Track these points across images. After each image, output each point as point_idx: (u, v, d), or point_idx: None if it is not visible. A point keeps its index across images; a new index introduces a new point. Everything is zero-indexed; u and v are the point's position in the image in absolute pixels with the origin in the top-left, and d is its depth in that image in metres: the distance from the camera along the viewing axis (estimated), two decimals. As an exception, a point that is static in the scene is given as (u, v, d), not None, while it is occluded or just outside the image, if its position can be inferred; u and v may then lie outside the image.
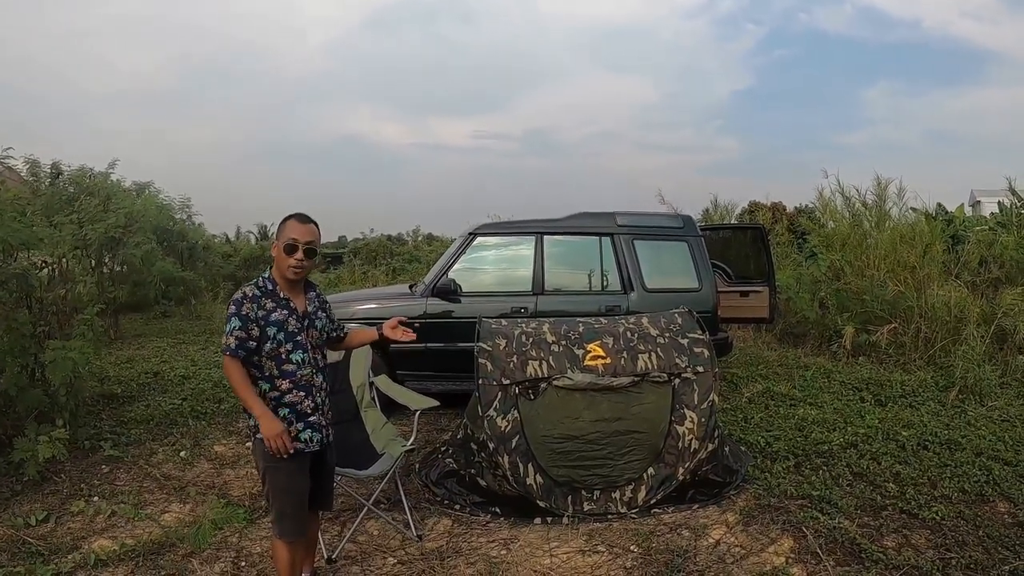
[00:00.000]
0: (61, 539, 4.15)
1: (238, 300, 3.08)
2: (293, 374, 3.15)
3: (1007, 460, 5.30)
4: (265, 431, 2.97)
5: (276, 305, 3.15)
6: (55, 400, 5.53)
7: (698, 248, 7.14)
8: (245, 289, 3.14)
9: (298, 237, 3.15)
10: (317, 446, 3.23)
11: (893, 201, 10.81)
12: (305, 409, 3.19)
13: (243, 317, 3.04)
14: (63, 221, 8.91)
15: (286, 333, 3.14)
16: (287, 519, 3.17)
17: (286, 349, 3.14)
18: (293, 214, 3.23)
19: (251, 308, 3.07)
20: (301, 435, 3.15)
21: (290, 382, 3.15)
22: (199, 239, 17.20)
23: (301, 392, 3.18)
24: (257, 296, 3.13)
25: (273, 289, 3.18)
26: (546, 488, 4.44)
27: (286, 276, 3.19)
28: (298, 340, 3.18)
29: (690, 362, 4.81)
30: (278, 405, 3.12)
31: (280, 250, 3.16)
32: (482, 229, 7.22)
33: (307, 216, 3.24)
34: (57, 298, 6.62)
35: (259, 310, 3.10)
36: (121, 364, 8.95)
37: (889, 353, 8.95)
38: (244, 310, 3.05)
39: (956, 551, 3.94)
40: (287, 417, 3.12)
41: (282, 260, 3.16)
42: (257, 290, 3.15)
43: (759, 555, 3.97)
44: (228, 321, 3.05)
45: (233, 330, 3.02)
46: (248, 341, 3.05)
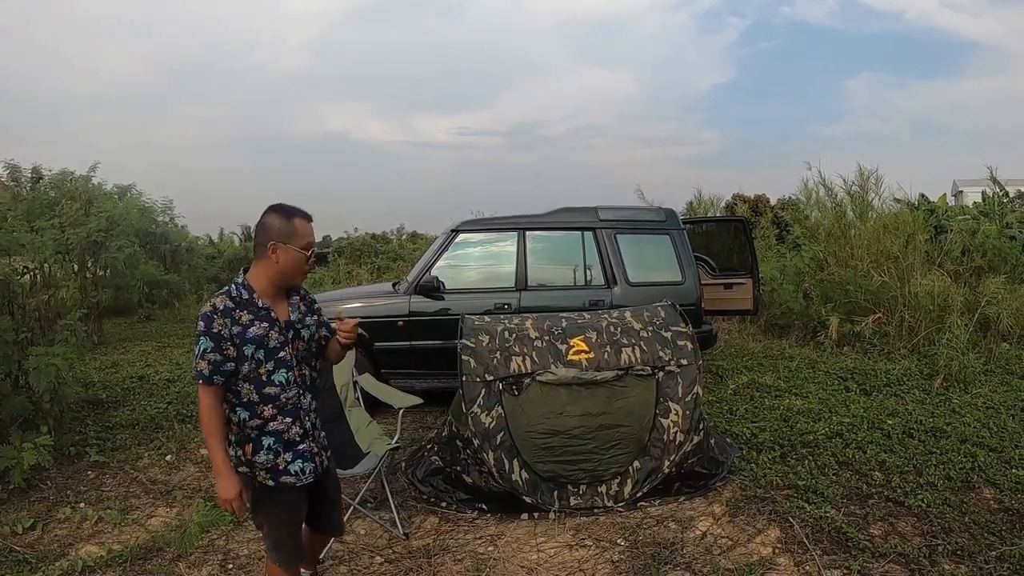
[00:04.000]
0: (48, 546, 4.12)
1: (207, 316, 2.60)
2: (276, 398, 2.73)
3: (992, 447, 5.34)
4: (219, 491, 2.64)
5: (253, 317, 2.68)
6: (39, 407, 5.48)
7: (681, 241, 7.15)
8: (215, 301, 2.65)
9: (312, 239, 2.80)
10: (311, 477, 2.84)
11: (875, 192, 10.84)
12: (293, 437, 2.78)
13: (215, 336, 2.59)
14: (45, 226, 8.81)
15: (266, 351, 2.70)
16: (282, 550, 2.86)
17: (267, 369, 2.71)
18: (295, 210, 2.79)
19: (223, 324, 2.61)
20: (291, 467, 2.76)
21: (273, 407, 2.73)
22: (182, 241, 17.11)
23: (287, 418, 2.76)
24: (230, 308, 2.65)
25: (249, 298, 2.70)
26: (532, 484, 4.45)
27: (294, 283, 2.84)
28: (280, 357, 2.74)
29: (674, 355, 4.82)
30: (261, 434, 2.72)
31: (297, 256, 2.73)
32: (464, 226, 7.21)
33: (308, 213, 2.83)
34: (40, 304, 6.58)
35: (233, 325, 2.63)
36: (105, 369, 8.90)
37: (873, 343, 8.99)
38: (215, 327, 2.59)
39: (942, 538, 3.97)
40: (272, 447, 2.73)
41: (297, 266, 2.76)
42: (229, 301, 2.66)
43: (746, 546, 3.99)
44: (197, 341, 2.60)
45: (204, 353, 2.58)
46: (225, 364, 2.61)
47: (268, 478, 2.74)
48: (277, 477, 2.75)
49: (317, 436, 2.93)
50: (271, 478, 2.75)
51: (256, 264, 2.76)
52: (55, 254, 8.72)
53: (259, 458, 2.72)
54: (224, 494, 2.61)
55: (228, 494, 2.61)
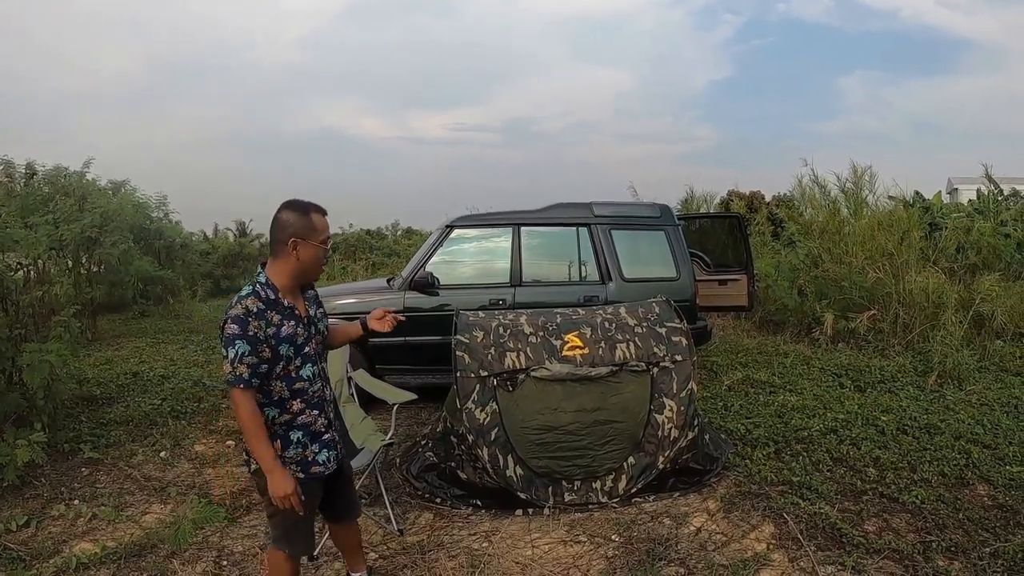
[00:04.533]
0: (42, 543, 4.11)
1: (241, 319, 2.59)
2: (305, 392, 2.82)
3: (986, 443, 5.36)
4: (275, 489, 2.63)
5: (283, 317, 2.72)
6: (33, 403, 5.47)
7: (676, 237, 7.15)
8: (246, 303, 2.63)
9: (328, 233, 2.85)
10: (335, 465, 2.96)
11: (869, 189, 10.86)
12: (319, 428, 2.89)
13: (252, 339, 2.59)
14: (39, 222, 8.79)
15: (295, 347, 2.76)
16: (297, 536, 2.93)
17: (295, 365, 2.78)
18: (311, 205, 2.81)
19: (258, 327, 2.62)
20: (319, 457, 2.87)
21: (302, 401, 2.82)
22: (176, 237, 17.02)
23: (314, 411, 2.86)
24: (262, 310, 2.65)
25: (276, 297, 2.73)
26: (526, 479, 4.45)
27: (312, 279, 2.92)
28: (306, 352, 2.83)
29: (668, 351, 4.82)
30: (290, 429, 2.80)
31: (316, 251, 2.79)
32: (459, 222, 7.20)
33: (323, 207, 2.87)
34: (33, 300, 6.56)
35: (268, 327, 2.66)
36: (100, 365, 8.89)
37: (868, 339, 9.01)
38: (251, 330, 2.59)
39: (936, 534, 3.98)
40: (301, 441, 2.81)
41: (316, 260, 2.82)
42: (260, 301, 2.66)
43: (740, 541, 3.99)
44: (230, 345, 2.57)
45: (242, 357, 2.57)
46: (261, 366, 2.63)
47: (299, 471, 2.81)
48: (307, 469, 2.84)
49: (336, 425, 3.04)
50: (301, 471, 2.82)
51: (275, 261, 2.79)
52: (49, 250, 8.71)
53: (288, 453, 2.80)
54: (280, 491, 2.64)
55: (285, 490, 2.64)
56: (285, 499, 2.65)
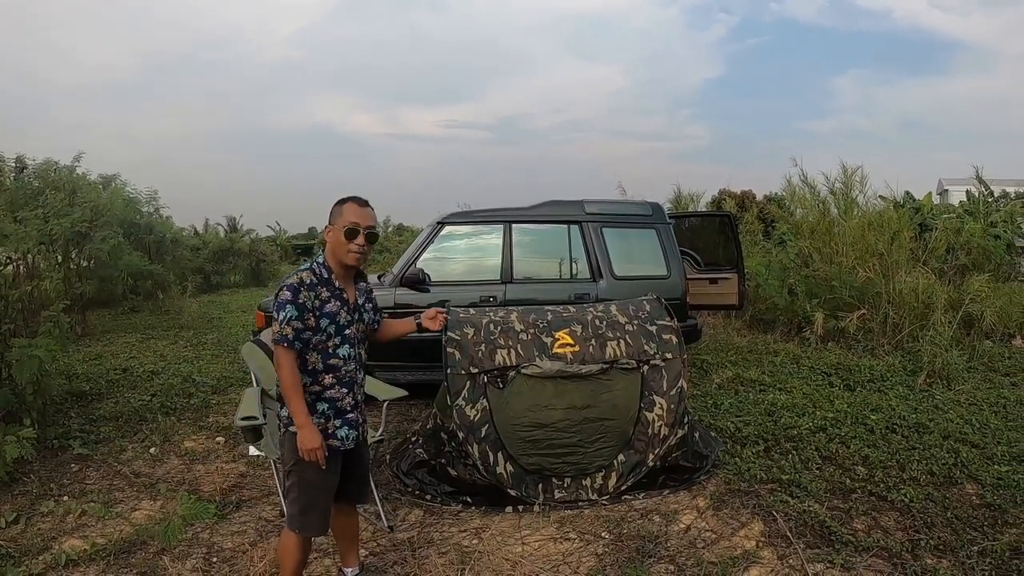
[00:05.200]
0: (31, 540, 4.08)
1: (294, 287, 2.89)
2: (338, 369, 3.05)
3: (974, 443, 5.39)
4: (303, 442, 2.86)
5: (330, 295, 3.01)
6: (22, 399, 5.45)
7: (667, 235, 7.16)
8: (301, 274, 2.95)
9: (359, 221, 3.01)
10: (352, 444, 3.13)
11: (859, 189, 10.90)
12: (345, 406, 3.09)
13: (300, 306, 2.89)
14: (28, 216, 8.76)
15: (336, 326, 3.02)
16: (314, 513, 3.06)
17: (334, 343, 3.03)
18: (350, 197, 3.08)
19: (308, 297, 2.92)
20: (338, 432, 3.06)
21: (333, 377, 3.04)
22: (167, 232, 17.00)
23: (343, 388, 3.08)
24: (314, 284, 2.97)
25: (329, 277, 3.03)
26: (516, 477, 4.45)
27: (345, 262, 3.05)
28: (347, 334, 3.08)
29: (659, 349, 4.83)
30: (317, 400, 3.01)
31: (339, 235, 3.00)
32: (450, 218, 7.20)
33: (365, 200, 3.10)
34: (23, 295, 6.54)
35: (315, 299, 2.95)
36: (89, 361, 8.87)
37: (858, 339, 9.05)
38: (301, 298, 2.89)
39: (925, 532, 4.00)
40: (325, 412, 3.03)
41: (341, 246, 3.00)
42: (314, 276, 2.98)
43: (730, 539, 4.00)
44: (282, 308, 2.87)
45: (290, 319, 2.86)
46: (304, 332, 2.91)
47: None
48: (325, 440, 2.98)
49: (362, 407, 3.25)
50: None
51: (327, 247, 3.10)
52: (39, 245, 8.67)
53: (312, 421, 2.94)
54: (309, 443, 2.86)
55: (313, 443, 2.87)
56: (312, 452, 2.87)
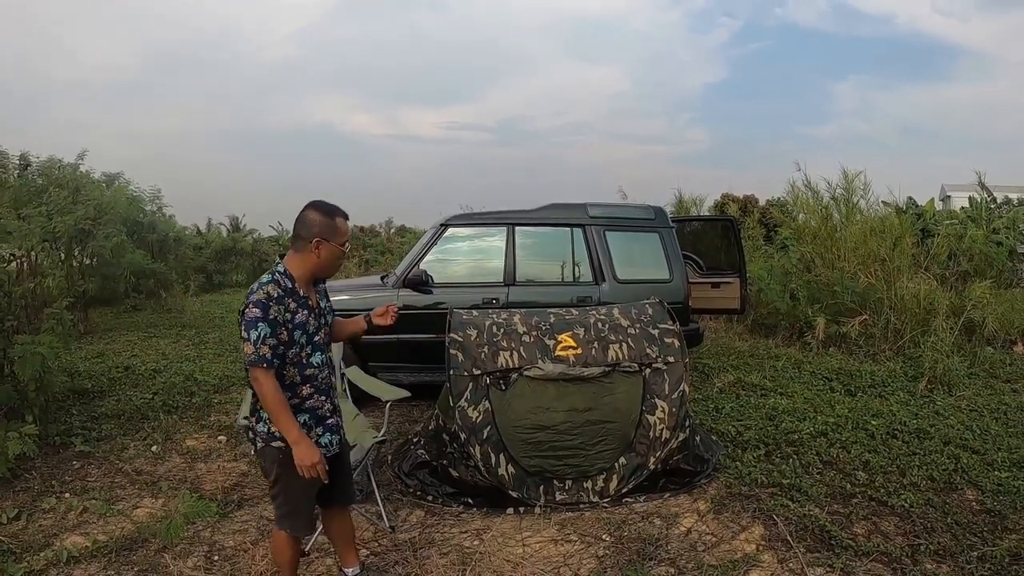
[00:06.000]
0: (33, 537, 4.10)
1: (263, 303, 2.75)
2: (314, 378, 3.00)
3: (975, 449, 5.39)
4: (302, 459, 2.78)
5: (298, 305, 2.90)
6: (24, 396, 5.46)
7: (670, 239, 7.17)
8: (267, 288, 2.80)
9: (348, 236, 3.06)
10: (336, 448, 3.13)
11: (860, 194, 10.89)
12: (324, 413, 3.06)
13: (272, 322, 2.76)
14: (32, 213, 8.75)
15: (307, 335, 2.94)
16: (300, 516, 3.09)
17: (306, 352, 2.95)
18: (335, 208, 3.00)
19: (278, 311, 2.79)
20: (321, 439, 3.03)
21: (311, 386, 2.99)
22: (170, 231, 17.00)
23: (322, 396, 3.05)
24: (281, 296, 2.83)
25: (293, 287, 2.90)
26: (518, 478, 4.46)
27: (328, 275, 3.07)
28: (316, 341, 3.01)
29: (661, 352, 4.83)
30: (298, 412, 2.93)
31: (336, 250, 2.96)
32: (454, 220, 7.21)
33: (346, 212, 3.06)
34: (26, 292, 6.53)
35: (286, 312, 2.84)
36: (91, 358, 8.87)
37: (859, 344, 9.04)
38: (272, 313, 2.76)
39: (925, 538, 4.00)
40: (307, 423, 2.97)
41: (335, 259, 2.99)
42: (279, 288, 2.84)
43: (730, 543, 4.01)
44: (252, 328, 2.73)
45: (264, 338, 2.73)
46: (279, 347, 2.80)
47: None
48: None
49: (339, 410, 3.22)
50: None
51: (296, 255, 2.96)
52: (42, 242, 8.67)
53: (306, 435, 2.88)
54: (308, 460, 2.79)
55: (312, 459, 2.80)
56: (312, 468, 2.80)
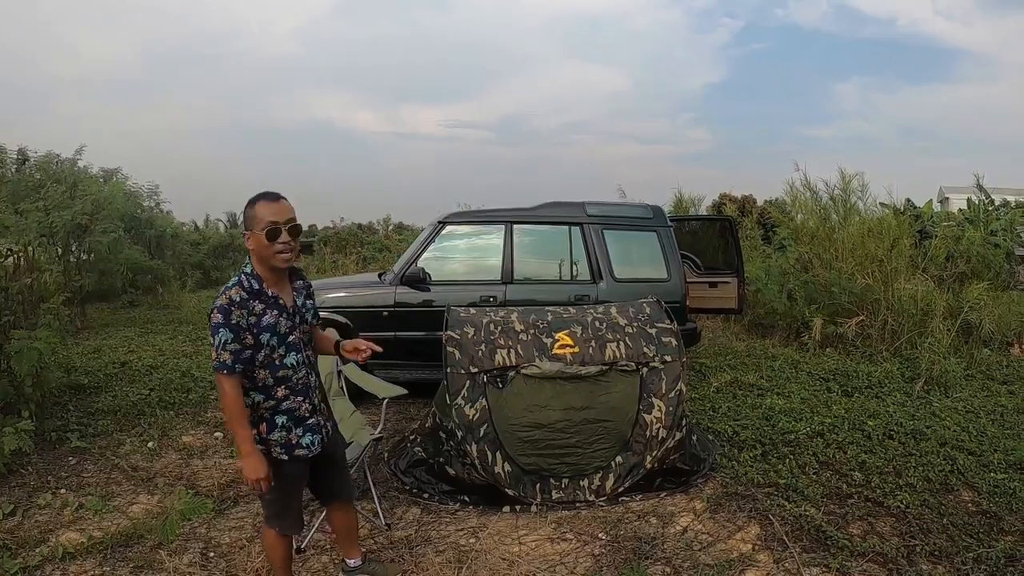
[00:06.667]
0: (28, 532, 4.09)
1: (224, 308, 2.71)
2: (289, 379, 2.93)
3: (971, 450, 5.38)
4: (248, 471, 2.76)
5: (265, 306, 2.83)
6: (20, 391, 5.46)
7: (668, 238, 7.16)
8: (229, 293, 2.75)
9: (277, 218, 2.79)
10: (319, 448, 3.05)
11: (858, 195, 10.89)
12: (303, 413, 2.99)
13: (233, 327, 2.72)
14: (29, 208, 8.75)
15: (279, 337, 2.86)
16: (288, 516, 3.10)
17: (279, 354, 2.88)
18: (259, 195, 2.85)
19: (241, 315, 2.74)
20: (302, 441, 2.97)
21: (286, 388, 2.93)
22: (167, 227, 17.02)
23: (299, 397, 2.97)
24: (245, 299, 2.77)
25: (260, 288, 2.83)
26: (514, 476, 4.46)
27: (274, 266, 2.85)
28: (290, 341, 2.92)
29: (658, 351, 4.83)
30: (275, 414, 2.91)
31: (261, 238, 2.78)
32: (452, 218, 7.20)
33: (276, 193, 2.88)
34: (22, 287, 6.53)
35: (249, 316, 2.77)
36: (88, 354, 8.85)
37: (856, 345, 9.04)
38: (233, 319, 2.72)
39: (920, 538, 4.00)
40: (285, 425, 2.93)
41: (265, 249, 2.79)
42: (243, 292, 2.78)
43: (726, 542, 4.01)
44: (215, 333, 2.70)
45: (224, 344, 2.70)
46: (243, 352, 2.76)
47: (282, 453, 2.94)
48: (291, 451, 2.96)
49: (322, 409, 3.16)
50: (285, 452, 2.95)
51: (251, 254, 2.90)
52: (39, 237, 8.66)
53: (273, 436, 2.92)
54: (252, 474, 2.78)
55: (257, 474, 2.78)
56: (256, 482, 2.79)
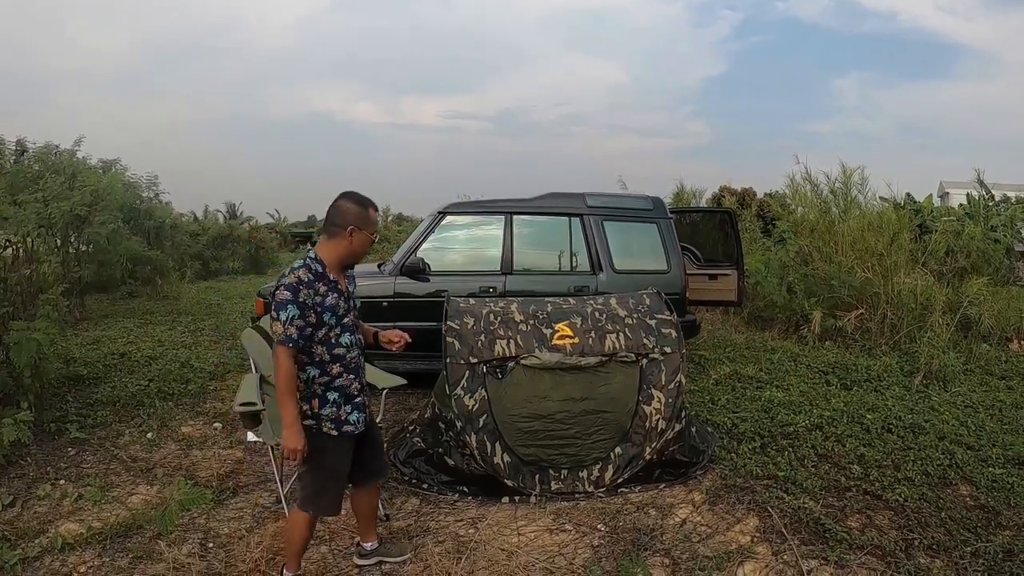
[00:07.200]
0: (27, 524, 4.08)
1: (293, 286, 2.98)
2: (343, 357, 3.18)
3: (969, 444, 5.39)
4: (288, 442, 2.99)
5: (327, 289, 3.10)
6: (20, 382, 5.45)
7: (668, 230, 7.15)
8: (299, 273, 3.03)
9: (378, 226, 3.30)
10: (363, 426, 3.28)
11: (859, 189, 10.89)
12: (353, 391, 3.22)
13: (301, 305, 2.98)
14: (28, 200, 8.70)
15: (336, 317, 3.13)
16: (326, 496, 3.23)
17: (335, 333, 3.15)
18: (369, 200, 3.24)
19: (308, 294, 3.01)
20: (350, 417, 3.19)
21: (340, 365, 3.17)
22: (166, 218, 16.97)
23: (351, 375, 3.22)
24: (311, 280, 3.05)
25: (323, 271, 3.12)
26: (513, 467, 4.46)
27: (357, 261, 3.30)
28: (345, 323, 3.20)
29: (658, 343, 4.83)
30: (328, 390, 3.13)
31: (366, 239, 3.19)
32: (451, 208, 7.19)
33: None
34: (21, 278, 6.53)
35: (315, 295, 3.05)
36: (87, 345, 8.85)
37: (855, 338, 9.05)
38: (301, 296, 2.98)
39: (919, 532, 4.01)
40: (336, 401, 3.15)
41: (363, 247, 3.21)
42: (310, 273, 3.06)
43: (725, 534, 4.02)
44: (283, 309, 2.95)
45: (292, 319, 2.96)
46: (306, 329, 3.02)
47: (332, 428, 3.15)
48: (340, 427, 3.17)
49: (367, 390, 3.42)
50: (335, 428, 3.16)
51: (328, 242, 3.17)
52: (38, 228, 8.63)
53: (324, 411, 3.13)
54: (292, 444, 2.99)
55: (296, 444, 3.00)
56: (295, 452, 3.00)
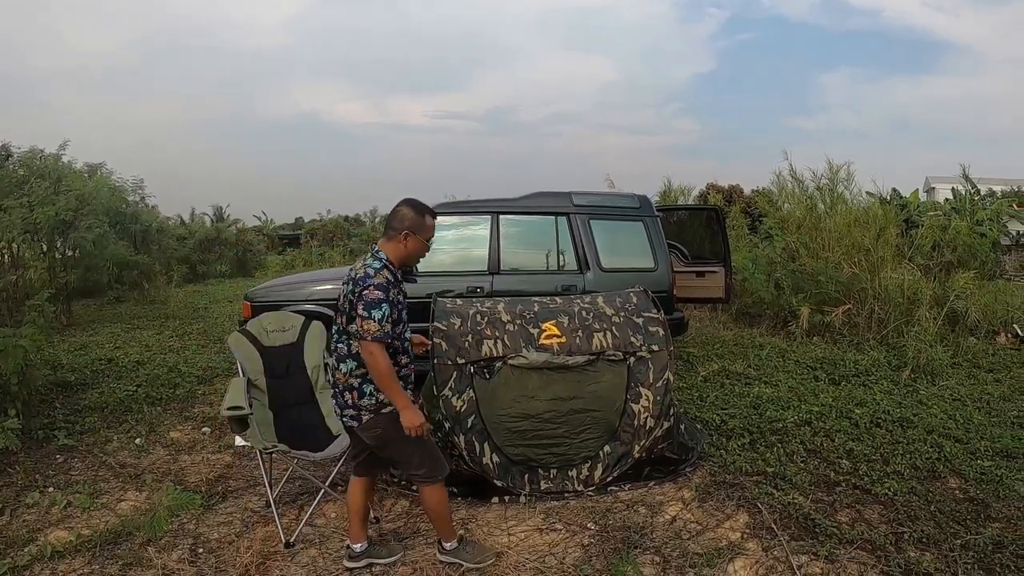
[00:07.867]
0: (16, 532, 4.06)
1: (384, 286, 3.19)
2: (408, 351, 3.49)
3: (958, 438, 5.41)
4: (409, 422, 3.19)
5: (398, 289, 3.36)
6: (6, 389, 5.41)
7: (654, 228, 7.15)
8: (384, 274, 3.25)
9: (434, 233, 3.49)
10: None
11: (844, 185, 10.91)
12: (409, 379, 3.48)
13: (391, 303, 3.21)
14: (13, 205, 8.68)
15: (401, 314, 3.39)
16: (439, 459, 3.50)
17: (401, 328, 3.39)
18: (430, 208, 3.45)
19: (394, 294, 3.26)
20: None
21: (406, 356, 3.45)
22: (153, 221, 16.92)
23: (412, 365, 3.52)
24: (394, 282, 3.31)
25: (396, 274, 3.38)
26: (503, 467, 4.45)
27: (412, 264, 3.53)
28: (405, 319, 3.46)
29: (645, 341, 4.83)
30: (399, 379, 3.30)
31: (423, 245, 3.42)
32: (438, 208, 7.14)
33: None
34: (7, 284, 6.50)
35: (398, 294, 3.33)
36: (74, 351, 8.78)
37: (843, 333, 9.08)
38: (391, 296, 3.21)
39: (908, 525, 4.03)
40: (407, 388, 3.37)
41: (420, 252, 3.45)
42: (392, 276, 3.30)
43: (715, 531, 4.03)
44: (377, 308, 3.13)
45: (387, 317, 3.16)
46: (391, 325, 3.22)
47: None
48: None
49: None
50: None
51: (388, 244, 3.38)
52: (23, 233, 8.61)
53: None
54: (415, 422, 3.21)
55: (418, 421, 3.23)
56: (419, 428, 3.22)
